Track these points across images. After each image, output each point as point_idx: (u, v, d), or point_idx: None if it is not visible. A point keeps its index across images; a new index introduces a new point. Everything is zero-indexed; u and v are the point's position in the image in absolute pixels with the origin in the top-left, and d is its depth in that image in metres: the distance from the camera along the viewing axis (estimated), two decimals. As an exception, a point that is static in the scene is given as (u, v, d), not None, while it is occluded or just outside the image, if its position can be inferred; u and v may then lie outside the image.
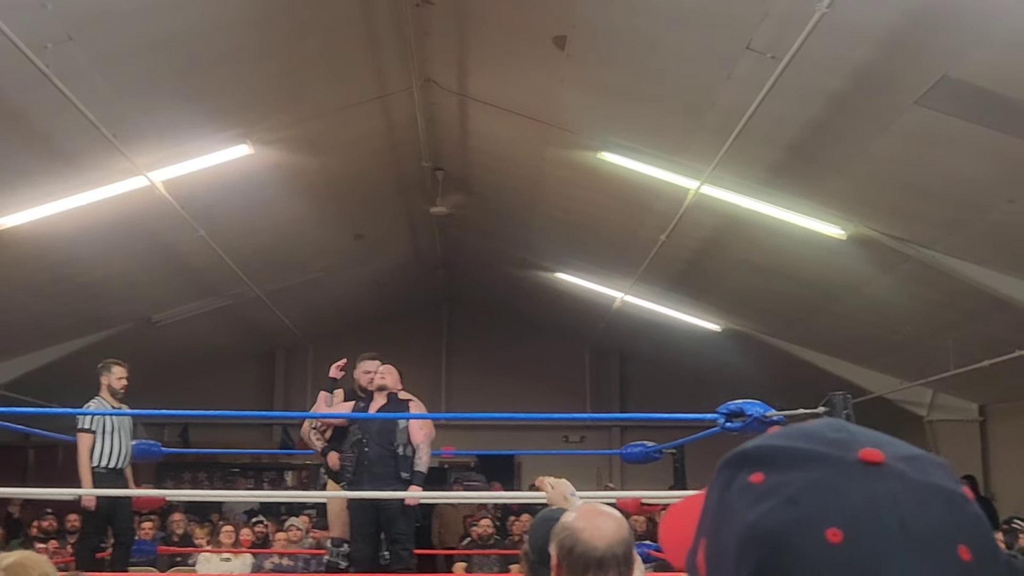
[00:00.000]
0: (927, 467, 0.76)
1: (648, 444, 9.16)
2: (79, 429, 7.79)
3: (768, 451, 0.77)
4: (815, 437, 0.77)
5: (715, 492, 0.79)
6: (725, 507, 0.77)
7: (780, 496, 0.73)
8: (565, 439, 17.81)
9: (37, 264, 10.40)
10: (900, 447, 0.77)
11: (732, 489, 0.77)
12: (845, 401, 5.29)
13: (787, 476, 0.74)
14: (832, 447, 0.75)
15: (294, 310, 15.57)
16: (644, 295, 13.59)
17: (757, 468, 0.76)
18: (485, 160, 11.72)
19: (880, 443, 0.76)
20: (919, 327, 10.99)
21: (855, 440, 0.76)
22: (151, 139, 8.76)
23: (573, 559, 2.57)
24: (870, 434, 0.78)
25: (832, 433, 0.77)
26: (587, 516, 2.66)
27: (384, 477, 6.92)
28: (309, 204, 11.73)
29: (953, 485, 0.76)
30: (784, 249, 10.25)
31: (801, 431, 0.79)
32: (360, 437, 7.05)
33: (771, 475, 0.75)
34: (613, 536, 2.58)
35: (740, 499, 0.76)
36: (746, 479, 0.76)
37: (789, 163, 8.41)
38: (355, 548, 7.07)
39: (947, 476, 0.76)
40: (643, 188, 9.91)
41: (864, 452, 0.74)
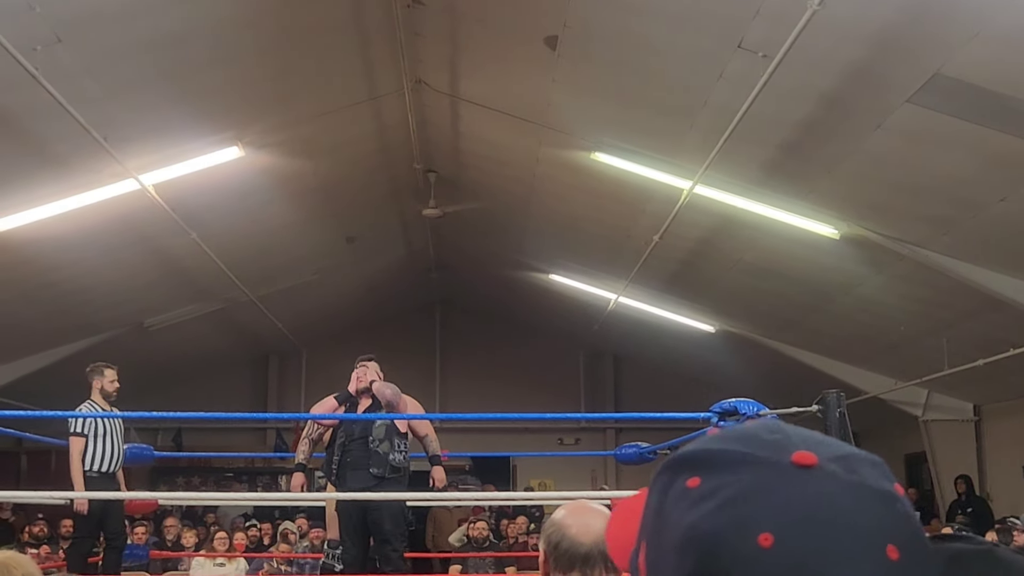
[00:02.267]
0: (859, 467, 0.77)
1: (642, 445, 9.16)
2: (71, 433, 7.76)
3: (704, 455, 0.79)
4: (751, 440, 0.78)
5: (655, 496, 0.81)
6: (664, 511, 0.79)
7: (715, 500, 0.75)
8: (560, 441, 17.79)
9: (28, 269, 10.36)
10: (834, 447, 0.78)
11: (670, 493, 0.79)
12: (839, 399, 5.28)
13: (722, 480, 0.76)
14: (766, 450, 0.77)
15: (287, 314, 15.53)
16: (638, 296, 13.58)
17: (694, 472, 0.78)
18: (477, 162, 11.70)
19: (814, 444, 0.77)
20: (913, 326, 10.99)
21: (789, 442, 0.77)
22: (141, 142, 8.72)
23: (559, 554, 2.58)
24: (805, 435, 0.79)
25: (767, 435, 0.79)
26: (575, 513, 2.66)
27: (363, 477, 6.92)
28: (301, 207, 11.70)
29: (885, 484, 0.77)
30: (777, 249, 10.25)
31: (738, 433, 0.80)
32: (343, 440, 7.05)
33: (707, 479, 0.76)
34: (600, 532, 2.57)
35: (678, 503, 0.77)
36: (683, 483, 0.78)
37: (782, 162, 8.40)
38: (344, 549, 7.05)
39: (880, 475, 0.78)
40: (636, 189, 9.90)
41: (797, 455, 0.76)
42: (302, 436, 7.93)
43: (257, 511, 14.83)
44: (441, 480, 7.37)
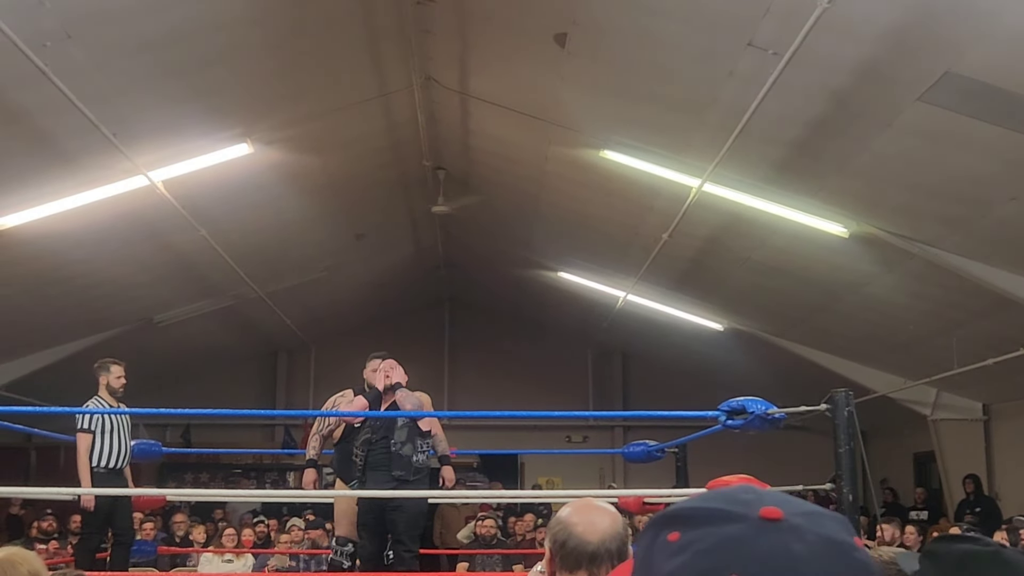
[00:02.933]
0: (822, 521, 0.85)
1: (650, 443, 9.15)
2: (78, 429, 7.78)
3: (684, 513, 0.88)
4: (727, 499, 0.87)
5: (641, 551, 0.90)
6: (648, 564, 0.88)
7: (691, 551, 0.83)
8: (568, 439, 17.78)
9: (38, 265, 10.38)
10: (801, 506, 0.87)
11: (654, 547, 0.88)
12: (847, 398, 5.27)
13: (698, 533, 0.84)
14: (739, 506, 0.85)
15: (296, 311, 15.55)
16: (647, 294, 13.56)
17: (674, 528, 0.87)
18: (487, 159, 11.69)
19: (782, 502, 0.86)
20: (923, 326, 10.96)
21: (760, 500, 0.86)
22: (151, 138, 8.74)
23: (566, 553, 2.58)
24: (777, 496, 0.88)
25: (743, 494, 0.88)
26: (581, 511, 2.66)
27: (383, 479, 6.91)
28: (310, 204, 11.71)
29: (845, 536, 0.85)
30: (787, 247, 10.23)
31: (716, 494, 0.89)
32: (369, 436, 7.02)
33: (685, 533, 0.85)
34: (606, 531, 2.57)
35: (659, 555, 0.86)
36: (665, 538, 0.87)
37: (791, 161, 8.38)
38: (361, 545, 7.05)
39: (840, 529, 0.86)
40: (645, 186, 9.89)
41: (765, 510, 0.84)
42: (312, 432, 7.95)
43: (265, 507, 14.85)
44: (451, 479, 7.38)
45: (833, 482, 5.62)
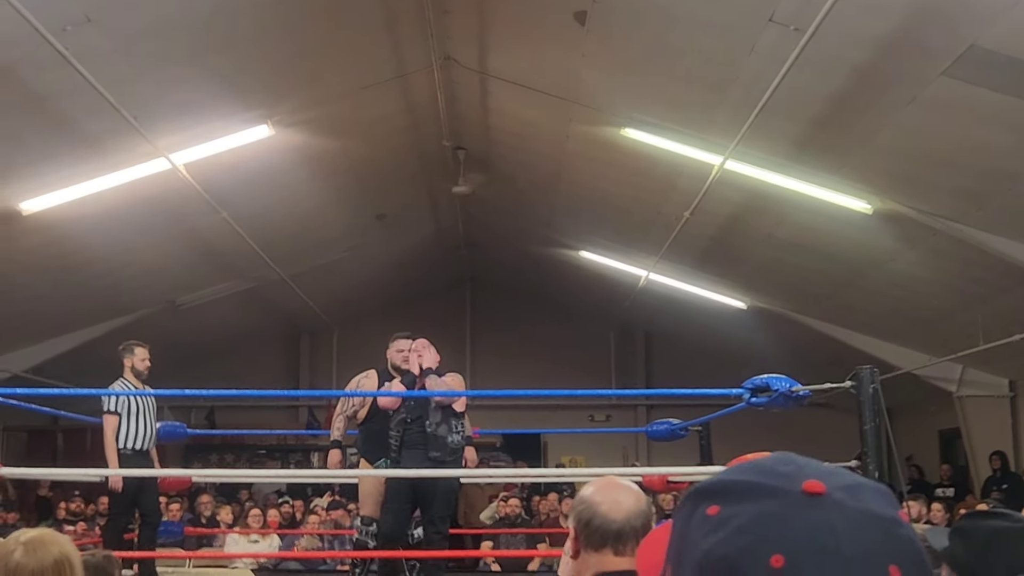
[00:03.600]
0: (865, 495, 0.84)
1: (674, 422, 9.14)
2: (104, 411, 7.82)
3: (723, 486, 0.86)
4: (765, 471, 0.85)
5: (679, 523, 0.88)
6: (686, 537, 0.86)
7: (731, 527, 0.81)
8: (591, 418, 17.77)
9: (60, 248, 10.43)
10: (843, 477, 0.85)
11: (692, 521, 0.86)
12: (872, 375, 5.24)
13: (738, 508, 0.82)
14: (780, 480, 0.84)
15: (318, 292, 15.58)
16: (669, 273, 13.52)
17: (713, 501, 0.85)
18: (507, 138, 11.66)
19: (824, 475, 0.84)
20: (947, 302, 10.89)
21: (801, 473, 0.84)
22: (172, 121, 8.76)
23: (591, 531, 2.57)
24: (817, 467, 0.86)
25: (781, 467, 0.86)
26: (605, 489, 2.65)
27: (419, 458, 6.93)
28: (330, 185, 11.72)
29: (889, 511, 0.84)
30: (810, 224, 10.17)
31: (755, 466, 0.87)
32: (404, 416, 7.02)
33: (725, 507, 0.83)
34: (631, 509, 2.56)
35: (698, 530, 0.84)
36: (704, 512, 0.85)
37: (814, 137, 8.33)
38: (383, 522, 7.04)
39: (885, 503, 0.84)
40: (667, 164, 9.85)
41: (807, 484, 0.82)
42: (336, 413, 7.96)
43: (290, 488, 14.94)
44: (473, 460, 7.43)
45: (858, 459, 5.60)
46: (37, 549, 2.82)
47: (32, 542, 2.84)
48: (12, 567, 2.78)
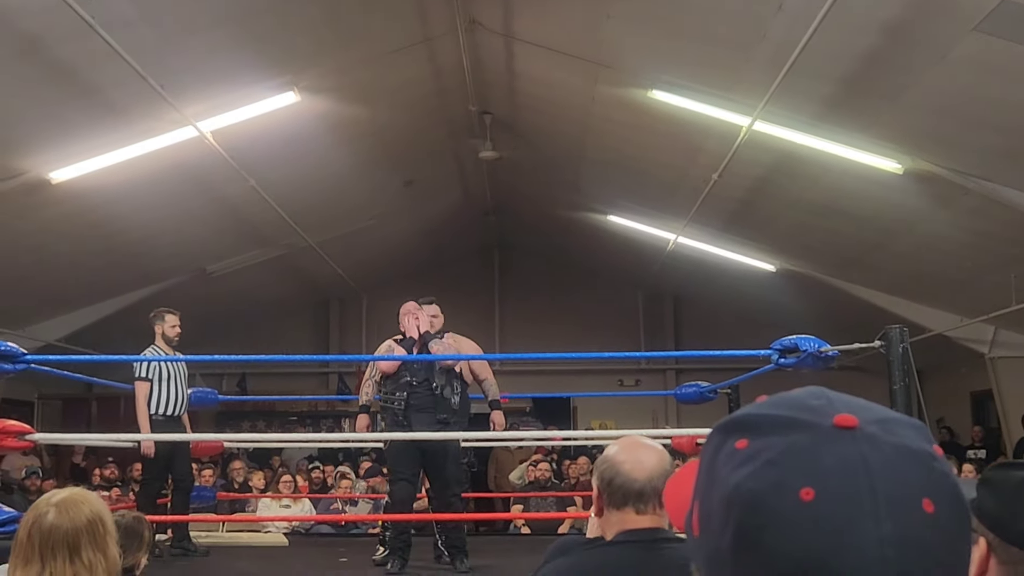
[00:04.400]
0: (899, 429, 0.82)
1: (702, 385, 9.14)
2: (136, 378, 7.90)
3: (752, 419, 0.84)
4: (796, 405, 0.84)
5: (706, 458, 0.86)
6: (713, 472, 0.84)
7: (760, 460, 0.80)
8: (620, 383, 17.76)
9: (90, 218, 10.50)
10: (875, 411, 0.83)
11: (720, 455, 0.84)
12: (901, 334, 5.21)
13: (767, 442, 0.81)
14: (810, 413, 0.82)
15: (346, 259, 15.63)
16: (697, 236, 13.46)
17: (742, 435, 0.83)
18: (533, 102, 11.61)
19: (856, 408, 0.82)
20: (979, 262, 10.79)
21: (832, 406, 0.83)
22: (198, 88, 8.77)
23: (613, 490, 2.59)
24: (848, 400, 0.84)
25: (812, 400, 0.84)
26: (628, 449, 2.66)
27: (428, 420, 6.97)
28: (357, 151, 11.72)
29: (923, 445, 0.82)
30: (839, 186, 10.08)
31: (785, 399, 0.85)
32: (408, 379, 7.08)
33: (754, 441, 0.82)
34: (653, 469, 2.57)
35: (726, 464, 0.82)
36: (732, 445, 0.83)
37: (843, 96, 8.24)
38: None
39: (919, 437, 0.83)
40: (695, 126, 9.78)
41: (839, 417, 0.80)
42: (364, 378, 8.00)
43: (321, 453, 15.04)
44: (500, 424, 7.45)
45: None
46: (70, 509, 2.85)
47: (64, 503, 2.87)
48: (47, 529, 2.82)
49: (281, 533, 10.00)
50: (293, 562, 7.83)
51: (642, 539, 2.56)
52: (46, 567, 2.79)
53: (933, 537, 0.77)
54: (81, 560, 2.80)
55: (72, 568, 2.79)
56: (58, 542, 2.80)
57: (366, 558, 7.51)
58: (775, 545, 0.76)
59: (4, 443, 5.97)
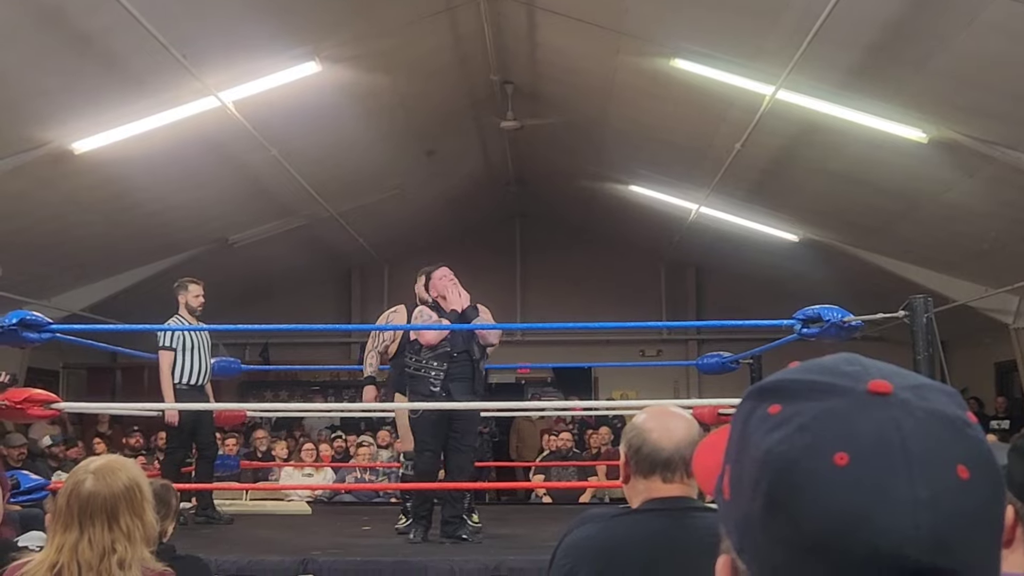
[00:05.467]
0: (933, 395, 0.82)
1: (724, 355, 9.12)
2: (160, 347, 7.95)
3: (785, 384, 0.84)
4: (830, 370, 0.84)
5: (738, 423, 0.86)
6: (745, 436, 0.84)
7: (793, 425, 0.80)
8: (641, 353, 17.75)
9: (112, 189, 10.54)
10: (909, 377, 0.83)
11: (752, 420, 0.84)
12: (926, 304, 5.18)
13: (801, 406, 0.81)
14: (844, 379, 0.82)
15: (368, 229, 15.64)
16: (719, 206, 13.40)
17: (775, 400, 0.83)
18: (555, 72, 11.55)
19: (890, 374, 0.82)
20: (1005, 232, 10.70)
21: (866, 372, 0.82)
22: (220, 58, 8.77)
23: (641, 458, 2.59)
24: (882, 367, 0.84)
25: (846, 366, 0.84)
26: (657, 417, 2.65)
27: (466, 390, 6.92)
28: (379, 121, 11.70)
29: (957, 411, 0.81)
30: (863, 155, 10.00)
31: (818, 365, 0.85)
32: (449, 350, 6.97)
33: (787, 406, 0.81)
34: (682, 437, 2.57)
35: (758, 428, 0.82)
36: (765, 410, 0.83)
37: (868, 64, 8.16)
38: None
39: (952, 403, 0.82)
40: (717, 96, 9.71)
41: (873, 383, 0.80)
42: (368, 349, 7.91)
43: (343, 423, 15.12)
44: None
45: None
46: (107, 476, 2.88)
47: (101, 470, 2.90)
48: (85, 496, 2.85)
49: (304, 501, 10.07)
50: (316, 530, 7.89)
51: (669, 507, 2.56)
52: (84, 533, 2.82)
53: (967, 502, 0.76)
54: (119, 526, 2.84)
55: (111, 534, 2.83)
56: (96, 509, 2.83)
57: (389, 527, 7.56)
58: (807, 509, 0.76)
59: (30, 411, 6.03)
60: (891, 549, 0.73)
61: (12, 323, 5.73)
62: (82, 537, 2.82)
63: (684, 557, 2.39)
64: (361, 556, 5.86)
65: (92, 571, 2.79)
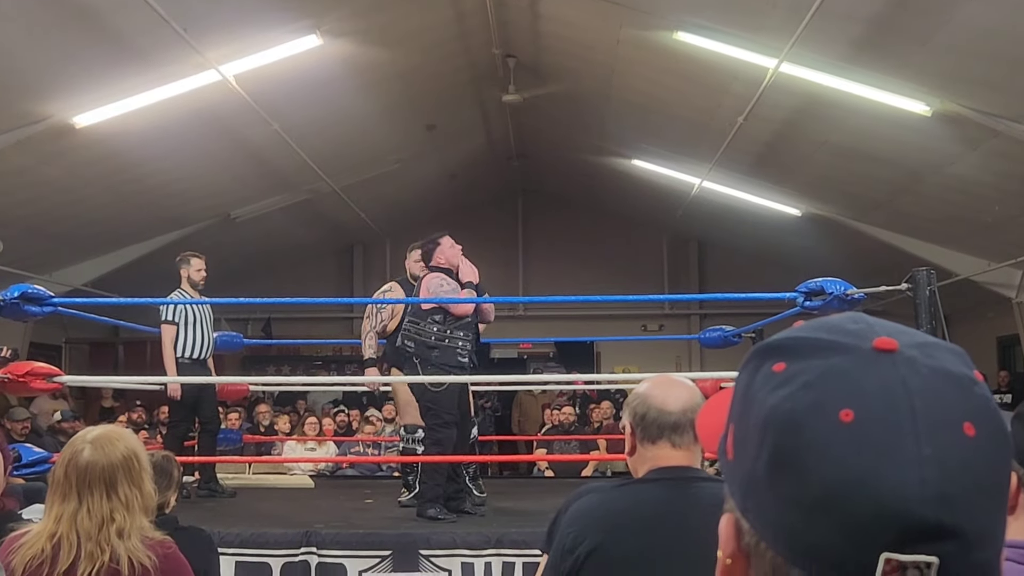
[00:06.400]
0: (939, 353, 0.81)
1: (727, 329, 9.12)
2: (162, 321, 7.95)
3: (790, 342, 0.83)
4: (835, 328, 0.83)
5: (742, 382, 0.85)
6: (749, 395, 0.83)
7: (798, 382, 0.79)
8: (644, 328, 17.76)
9: (114, 163, 10.52)
10: (915, 336, 0.82)
11: (756, 378, 0.83)
12: (929, 277, 5.17)
13: (806, 364, 0.80)
14: (850, 337, 0.81)
15: (370, 204, 15.63)
16: (722, 181, 13.37)
17: (779, 358, 0.82)
18: (557, 45, 11.50)
19: (895, 332, 0.81)
20: (1008, 206, 10.67)
21: (872, 330, 0.81)
22: (221, 32, 8.73)
23: (647, 424, 2.57)
24: (888, 325, 0.84)
25: (851, 324, 0.83)
26: (660, 385, 2.64)
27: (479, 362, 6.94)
28: (380, 95, 11.66)
29: (963, 369, 0.81)
30: (866, 129, 9.97)
31: (823, 323, 0.85)
32: (469, 321, 6.87)
33: (791, 364, 0.81)
34: (687, 402, 2.55)
35: (763, 387, 0.81)
36: (769, 368, 0.82)
37: (871, 37, 8.12)
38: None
39: (959, 361, 0.81)
40: (720, 69, 9.67)
41: (878, 341, 0.80)
42: (365, 331, 7.70)
43: (346, 397, 15.14)
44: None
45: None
46: (105, 446, 2.88)
47: (99, 439, 2.91)
48: (83, 465, 2.85)
49: (307, 475, 10.10)
50: (319, 503, 7.91)
51: (673, 477, 2.55)
52: (83, 503, 2.83)
53: (973, 460, 0.76)
54: (118, 496, 2.84)
55: (109, 504, 2.83)
56: (95, 478, 2.84)
57: (391, 500, 7.58)
58: (812, 466, 0.75)
59: (33, 384, 6.03)
60: (896, 506, 0.73)
61: (14, 296, 5.73)
62: (81, 507, 2.82)
63: (687, 526, 2.38)
64: (364, 528, 5.88)
65: (91, 540, 2.80)
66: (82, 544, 2.79)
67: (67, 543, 2.79)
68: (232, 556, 5.31)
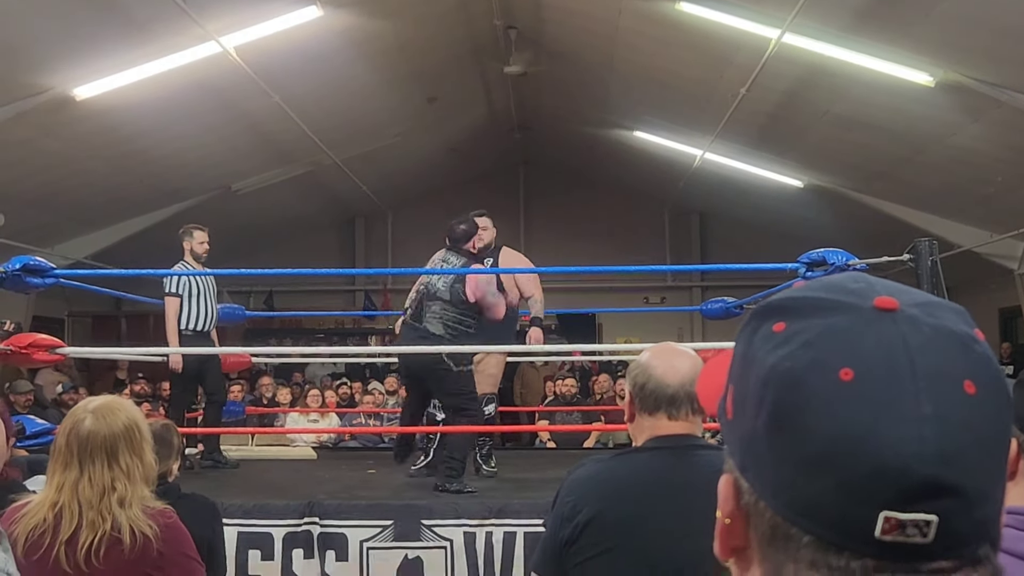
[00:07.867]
0: (940, 312, 0.81)
1: (729, 300, 9.11)
2: (166, 293, 7.95)
3: (790, 302, 0.83)
4: (835, 288, 0.82)
5: (742, 342, 0.85)
6: (749, 354, 0.83)
7: (798, 341, 0.79)
8: (645, 300, 17.77)
9: (114, 136, 10.50)
10: (916, 295, 0.82)
11: (756, 338, 0.83)
12: (931, 247, 5.16)
13: (806, 323, 0.80)
14: (850, 296, 0.81)
15: (371, 177, 15.60)
16: (724, 152, 13.34)
17: (779, 318, 0.82)
18: (559, 16, 11.44)
19: (896, 291, 0.81)
20: (1011, 177, 10.65)
21: (872, 289, 0.81)
22: (221, 3, 8.70)
23: (645, 395, 2.58)
24: (888, 284, 0.83)
25: (852, 284, 0.83)
26: (661, 354, 2.65)
27: None
28: (380, 67, 11.62)
29: (964, 328, 0.81)
30: (869, 99, 9.94)
31: (823, 283, 0.84)
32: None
33: (791, 323, 0.80)
34: (686, 374, 2.56)
35: (763, 346, 0.81)
36: (769, 328, 0.82)
37: (874, 7, 8.09)
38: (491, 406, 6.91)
39: (959, 320, 0.81)
40: (723, 39, 9.63)
41: (879, 300, 0.79)
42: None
43: (348, 369, 15.15)
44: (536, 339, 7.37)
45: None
46: (106, 416, 2.90)
47: (100, 409, 2.92)
48: (84, 435, 2.87)
49: (309, 447, 10.13)
50: (321, 474, 7.93)
51: (672, 445, 2.56)
52: (84, 472, 2.84)
53: (974, 418, 0.76)
54: (119, 465, 2.86)
55: (110, 473, 2.85)
56: (96, 447, 2.85)
57: (393, 470, 7.59)
58: (812, 424, 0.75)
59: (35, 356, 6.03)
60: (896, 463, 0.72)
61: (15, 268, 5.72)
62: (82, 476, 2.84)
63: (686, 494, 2.40)
64: (366, 499, 5.89)
65: (92, 509, 2.81)
66: (83, 513, 2.81)
67: (68, 512, 2.81)
68: (235, 527, 5.33)
